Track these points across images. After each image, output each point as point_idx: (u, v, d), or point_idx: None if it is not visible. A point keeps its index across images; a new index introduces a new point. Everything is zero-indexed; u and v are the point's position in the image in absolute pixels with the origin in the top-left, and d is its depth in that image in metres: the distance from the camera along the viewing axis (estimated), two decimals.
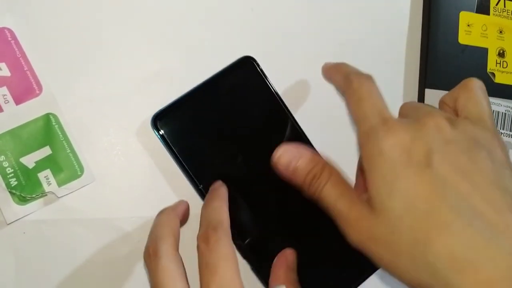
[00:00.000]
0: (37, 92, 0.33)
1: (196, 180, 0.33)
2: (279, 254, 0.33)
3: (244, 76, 0.34)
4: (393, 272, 0.26)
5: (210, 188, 0.33)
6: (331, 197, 0.29)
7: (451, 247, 0.23)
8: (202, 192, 0.33)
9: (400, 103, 0.32)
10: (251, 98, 0.34)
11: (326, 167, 0.30)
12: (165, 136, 0.33)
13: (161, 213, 0.32)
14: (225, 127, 0.34)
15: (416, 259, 0.24)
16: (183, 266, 0.28)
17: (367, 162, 0.27)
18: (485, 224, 0.24)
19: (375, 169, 0.26)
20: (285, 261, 0.33)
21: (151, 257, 0.28)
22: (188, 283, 0.27)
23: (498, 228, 0.24)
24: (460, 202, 0.24)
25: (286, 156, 0.31)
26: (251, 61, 0.34)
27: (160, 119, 0.33)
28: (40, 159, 0.33)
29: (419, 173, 0.25)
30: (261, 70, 0.35)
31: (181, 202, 0.34)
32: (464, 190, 0.25)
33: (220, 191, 0.32)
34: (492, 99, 0.40)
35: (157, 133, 0.33)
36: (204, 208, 0.31)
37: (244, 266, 0.34)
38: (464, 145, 0.26)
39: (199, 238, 0.28)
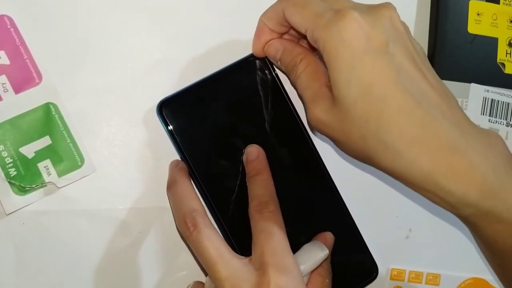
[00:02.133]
0: (37, 81, 0.33)
1: (194, 171, 0.33)
2: (319, 234, 0.34)
3: (255, 72, 0.34)
4: (347, 151, 0.30)
5: (249, 159, 0.33)
6: (302, 85, 0.31)
7: (402, 125, 0.27)
8: (200, 184, 0.33)
9: None
10: (259, 94, 0.34)
11: (305, 58, 0.31)
12: (169, 123, 0.33)
13: (175, 184, 0.32)
14: (231, 121, 0.34)
15: (366, 138, 0.28)
16: None
17: (329, 54, 0.28)
18: (432, 105, 0.28)
19: (336, 58, 0.27)
20: (324, 240, 0.34)
21: (190, 230, 0.30)
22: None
23: (442, 109, 0.28)
24: (412, 86, 0.27)
25: (271, 49, 0.33)
26: (264, 58, 0.34)
27: (166, 106, 0.33)
28: (40, 149, 0.33)
29: (377, 59, 0.27)
30: (273, 68, 0.34)
31: (179, 166, 0.33)
32: (416, 76, 0.28)
33: (263, 161, 0.33)
34: (501, 90, 0.39)
35: (161, 119, 0.33)
36: (252, 181, 0.32)
37: None
38: (409, 36, 0.29)
39: (252, 209, 0.31)
